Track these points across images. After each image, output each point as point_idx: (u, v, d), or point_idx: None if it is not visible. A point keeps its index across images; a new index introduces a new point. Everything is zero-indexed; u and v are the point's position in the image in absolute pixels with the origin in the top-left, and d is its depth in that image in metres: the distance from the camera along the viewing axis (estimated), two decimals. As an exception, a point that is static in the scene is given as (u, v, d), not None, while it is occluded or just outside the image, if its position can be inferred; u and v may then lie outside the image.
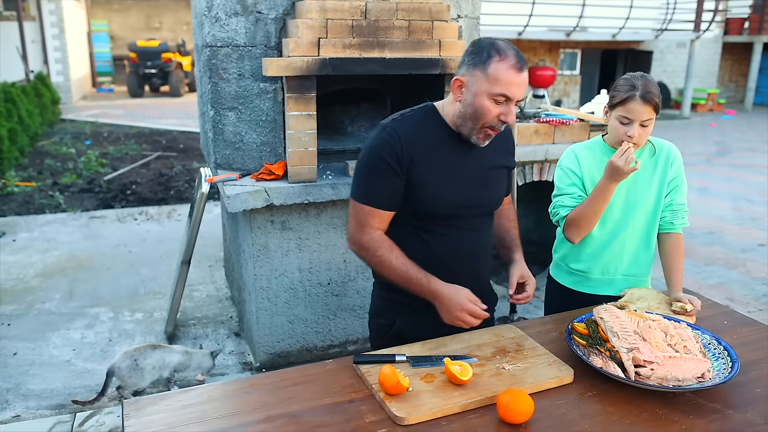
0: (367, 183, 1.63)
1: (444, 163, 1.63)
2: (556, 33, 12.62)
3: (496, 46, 1.53)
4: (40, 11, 14.04)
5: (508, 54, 1.51)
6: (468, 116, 1.58)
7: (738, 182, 7.81)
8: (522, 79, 1.52)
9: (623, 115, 1.81)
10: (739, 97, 17.94)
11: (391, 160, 1.58)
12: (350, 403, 1.40)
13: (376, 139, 1.62)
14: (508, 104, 1.54)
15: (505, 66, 1.51)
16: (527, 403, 1.32)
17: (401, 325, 1.76)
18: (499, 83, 1.51)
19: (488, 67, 1.51)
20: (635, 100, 1.78)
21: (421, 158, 1.60)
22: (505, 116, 1.55)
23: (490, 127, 1.58)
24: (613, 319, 1.59)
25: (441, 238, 1.68)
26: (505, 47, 1.53)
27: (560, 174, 1.99)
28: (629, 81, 1.82)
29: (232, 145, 2.96)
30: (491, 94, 1.52)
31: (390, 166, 1.58)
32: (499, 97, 1.52)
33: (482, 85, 1.53)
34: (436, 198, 1.62)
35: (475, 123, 1.57)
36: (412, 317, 1.74)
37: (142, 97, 16.48)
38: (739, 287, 4.37)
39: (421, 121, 1.63)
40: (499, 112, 1.55)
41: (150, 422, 1.34)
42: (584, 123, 3.77)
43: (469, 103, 1.56)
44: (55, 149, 9.00)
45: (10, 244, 5.00)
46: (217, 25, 2.81)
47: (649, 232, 1.97)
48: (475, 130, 1.58)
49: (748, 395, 1.44)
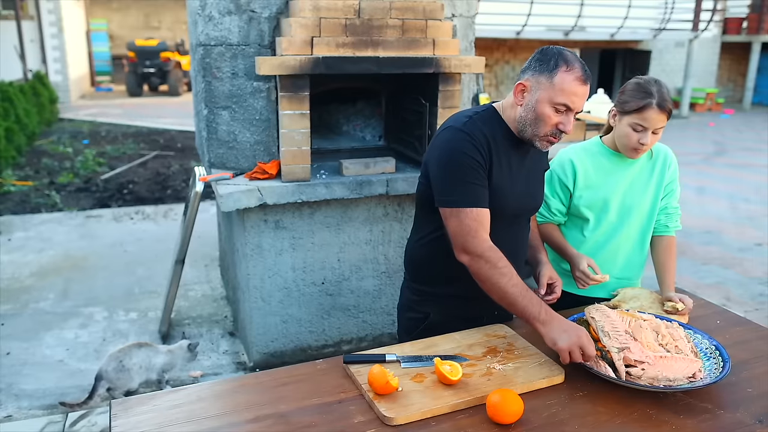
0: (465, 186, 1.59)
1: (510, 163, 1.67)
2: (554, 33, 12.62)
3: (564, 56, 1.55)
4: (38, 10, 14.01)
5: (575, 65, 1.54)
6: (528, 121, 1.60)
7: (736, 182, 7.80)
8: (585, 91, 1.55)
9: (638, 123, 1.76)
10: (738, 97, 17.94)
11: (479, 158, 1.59)
12: (339, 404, 1.39)
13: (456, 141, 1.60)
14: (568, 114, 1.57)
15: (572, 77, 1.53)
16: (516, 404, 1.32)
17: (436, 318, 1.78)
18: (564, 93, 1.54)
19: (555, 75, 1.54)
20: (652, 108, 1.73)
21: (496, 158, 1.63)
22: (564, 125, 1.57)
23: (551, 134, 1.60)
24: (604, 318, 1.58)
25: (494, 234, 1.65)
26: (572, 58, 1.56)
27: (548, 178, 1.96)
28: (644, 87, 1.76)
29: (225, 144, 2.95)
30: (554, 102, 1.55)
31: (480, 164, 1.59)
32: (561, 106, 1.55)
33: (546, 92, 1.55)
34: (506, 198, 1.66)
35: (535, 129, 1.59)
36: (447, 309, 1.78)
37: (140, 97, 16.45)
38: (736, 287, 4.36)
39: (487, 123, 1.65)
40: (558, 120, 1.57)
41: (138, 422, 1.33)
42: (580, 122, 3.77)
43: (531, 108, 1.58)
44: (53, 148, 8.98)
45: (5, 244, 4.99)
46: (211, 23, 2.80)
47: (644, 236, 1.96)
48: (537, 137, 1.60)
49: (740, 395, 1.43)
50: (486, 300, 1.73)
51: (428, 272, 1.82)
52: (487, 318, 1.79)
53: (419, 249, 1.81)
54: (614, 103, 1.87)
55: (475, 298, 1.73)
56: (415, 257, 1.83)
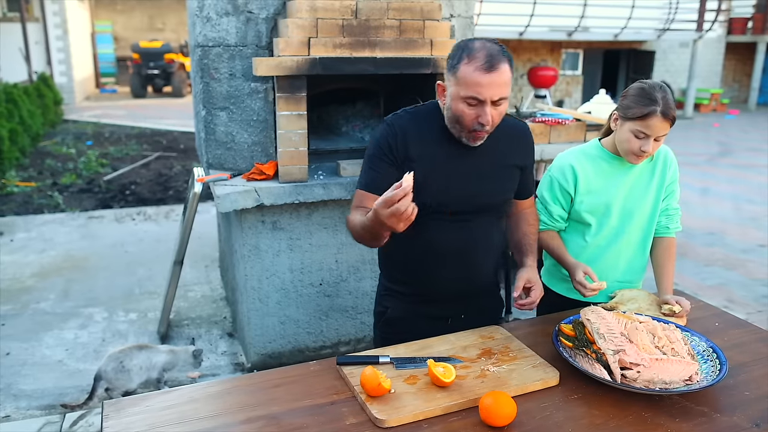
0: (366, 171, 1.68)
1: (443, 159, 1.63)
2: (557, 33, 12.58)
3: (467, 48, 1.51)
4: (43, 12, 14.08)
5: (476, 55, 1.48)
6: (450, 120, 1.59)
7: (740, 182, 7.76)
8: (491, 79, 1.48)
9: (640, 130, 1.71)
10: (743, 97, 17.86)
11: (387, 150, 1.62)
12: (332, 405, 1.38)
13: (377, 132, 1.68)
14: (482, 106, 1.52)
15: (471, 68, 1.48)
16: (509, 406, 1.30)
17: (393, 314, 1.80)
18: (467, 86, 1.49)
19: (458, 70, 1.51)
20: (656, 116, 1.67)
21: (418, 153, 1.61)
22: (482, 118, 1.52)
23: (473, 130, 1.56)
24: (599, 320, 1.56)
25: (441, 232, 1.67)
26: (476, 47, 1.50)
27: (547, 183, 1.92)
28: (648, 93, 1.69)
29: (223, 145, 2.95)
30: (462, 97, 1.52)
31: (386, 156, 1.62)
32: (470, 99, 1.51)
33: (454, 88, 1.53)
34: (430, 192, 1.61)
35: (458, 126, 1.58)
36: (405, 305, 1.78)
37: (144, 98, 16.52)
38: (739, 288, 4.33)
39: (422, 118, 1.65)
40: (475, 114, 1.53)
41: (130, 423, 1.32)
42: (580, 123, 3.74)
43: (448, 107, 1.58)
44: (56, 149, 9.02)
45: (7, 244, 5.01)
46: (209, 24, 2.80)
47: (646, 239, 1.93)
48: (463, 133, 1.58)
49: (737, 398, 1.41)
50: (449, 302, 1.76)
51: (387, 267, 1.84)
52: (453, 320, 1.77)
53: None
54: (616, 107, 1.81)
55: (433, 300, 1.75)
56: (380, 251, 1.85)
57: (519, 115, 3.93)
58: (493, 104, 1.52)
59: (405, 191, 1.34)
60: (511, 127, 1.73)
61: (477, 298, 1.80)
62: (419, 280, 1.74)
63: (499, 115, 1.56)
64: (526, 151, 1.77)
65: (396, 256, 1.78)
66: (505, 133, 1.68)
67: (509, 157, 1.71)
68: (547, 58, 14.40)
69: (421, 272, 1.72)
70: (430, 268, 1.70)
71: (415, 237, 1.62)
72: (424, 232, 1.66)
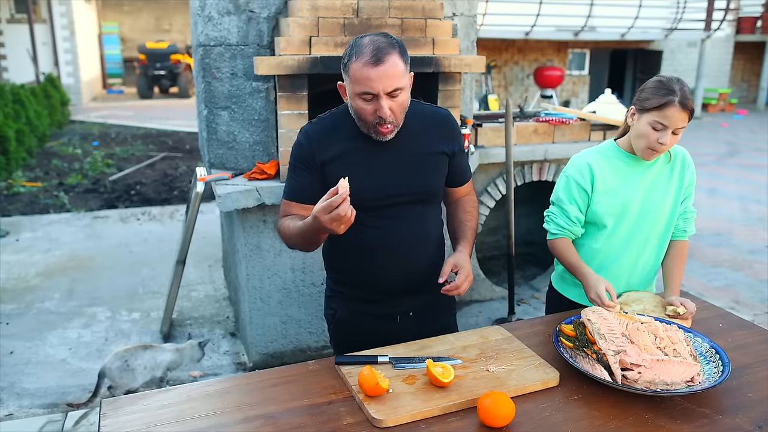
0: (288, 180, 1.71)
1: (361, 155, 1.63)
2: (564, 33, 12.53)
3: (356, 44, 1.52)
4: (51, 13, 14.18)
5: (364, 51, 1.49)
6: (355, 117, 1.60)
7: (747, 183, 7.69)
8: (380, 72, 1.47)
9: (658, 121, 1.69)
10: (752, 97, 17.72)
11: (302, 158, 1.65)
12: (329, 405, 1.37)
13: (295, 142, 1.71)
14: (377, 100, 1.51)
15: (360, 64, 1.48)
16: (508, 406, 1.29)
17: (341, 315, 1.80)
18: (359, 82, 1.50)
19: (349, 68, 1.52)
20: (674, 105, 1.66)
21: (334, 155, 1.62)
22: (380, 111, 1.52)
23: (376, 123, 1.56)
24: (600, 320, 1.54)
25: (371, 229, 1.66)
26: (364, 43, 1.50)
27: (564, 184, 1.87)
28: (665, 85, 1.69)
29: (225, 144, 2.95)
30: (357, 93, 1.52)
31: (302, 164, 1.65)
32: (364, 95, 1.51)
33: (350, 86, 1.54)
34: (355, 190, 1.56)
35: (364, 123, 1.58)
36: (349, 305, 1.78)
37: (151, 99, 16.59)
38: (746, 289, 4.29)
39: (333, 121, 1.66)
40: (372, 108, 1.53)
41: (126, 422, 1.32)
42: (584, 122, 3.72)
43: (350, 105, 1.59)
44: (63, 150, 9.07)
45: (13, 244, 5.03)
46: (210, 24, 2.80)
47: (663, 241, 1.89)
48: (370, 129, 1.58)
49: (740, 400, 1.39)
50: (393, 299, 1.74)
51: (329, 268, 1.84)
52: (402, 318, 1.76)
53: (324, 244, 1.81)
54: (633, 101, 1.79)
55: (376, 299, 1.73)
56: (323, 253, 1.85)
57: (522, 114, 3.91)
58: (390, 96, 1.51)
59: (343, 197, 1.38)
60: (432, 114, 1.72)
61: (422, 293, 1.76)
62: (359, 279, 1.73)
63: (400, 106, 1.55)
64: (452, 136, 1.73)
65: (334, 257, 1.79)
66: (426, 122, 1.68)
67: (433, 145, 1.69)
68: (554, 58, 14.35)
69: (358, 271, 1.71)
70: (367, 266, 1.69)
71: (348, 236, 1.58)
72: (358, 231, 1.62)
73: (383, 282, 1.71)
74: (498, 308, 3.83)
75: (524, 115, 3.89)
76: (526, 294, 4.12)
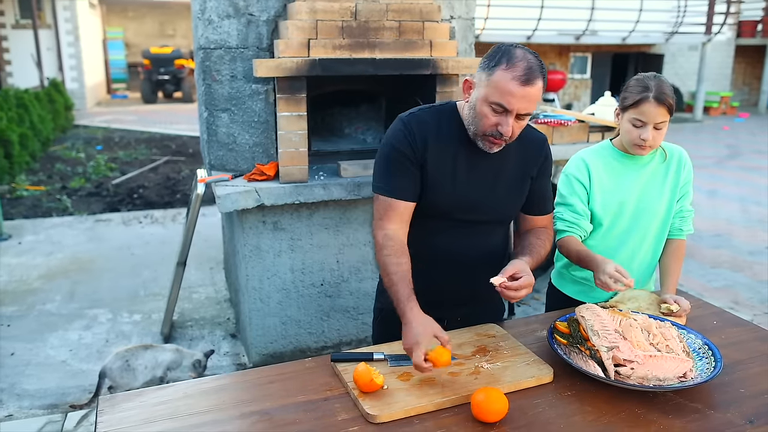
0: (387, 175, 1.61)
1: (455, 161, 1.60)
2: (565, 37, 12.56)
3: (509, 54, 1.47)
4: (55, 19, 14.28)
5: (516, 64, 1.45)
6: (470, 119, 1.56)
7: (747, 185, 7.69)
8: (525, 93, 1.44)
9: (636, 118, 1.73)
10: (753, 100, 17.72)
11: (407, 150, 1.58)
12: (325, 401, 1.38)
13: (392, 131, 1.63)
14: (506, 116, 1.48)
15: (509, 76, 1.44)
16: (501, 402, 1.30)
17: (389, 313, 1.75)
18: (498, 92, 1.46)
19: (493, 73, 1.47)
20: (649, 101, 1.70)
21: (435, 153, 1.58)
22: (501, 127, 1.49)
23: (491, 135, 1.52)
24: (594, 317, 1.56)
25: (441, 236, 1.65)
26: (518, 56, 1.46)
27: (565, 181, 1.91)
28: (642, 82, 1.74)
29: (225, 146, 2.97)
30: (489, 101, 1.48)
31: (406, 157, 1.58)
32: (496, 106, 1.47)
33: (484, 90, 1.49)
34: (439, 194, 1.60)
35: (476, 127, 1.54)
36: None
37: (155, 103, 16.67)
38: (745, 290, 4.29)
39: (437, 117, 1.62)
40: (496, 121, 1.50)
41: (123, 418, 1.33)
42: (583, 124, 3.73)
43: (472, 105, 1.55)
44: (66, 154, 9.11)
45: (15, 247, 5.06)
46: (210, 27, 2.82)
47: (659, 240, 1.92)
48: (478, 136, 1.55)
49: (731, 395, 1.40)
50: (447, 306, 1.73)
51: None
52: (448, 322, 1.73)
53: None
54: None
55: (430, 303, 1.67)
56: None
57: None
58: (518, 117, 1.49)
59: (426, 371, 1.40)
60: (530, 136, 1.69)
61: (475, 305, 1.78)
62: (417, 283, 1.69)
63: (520, 128, 1.53)
64: (544, 165, 1.71)
65: None
66: (521, 141, 1.63)
67: (525, 167, 1.67)
68: (556, 61, 14.37)
69: (420, 275, 1.67)
70: (430, 272, 1.68)
71: (420, 239, 1.60)
72: (429, 235, 1.64)
73: (440, 290, 1.71)
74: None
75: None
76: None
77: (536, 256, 1.65)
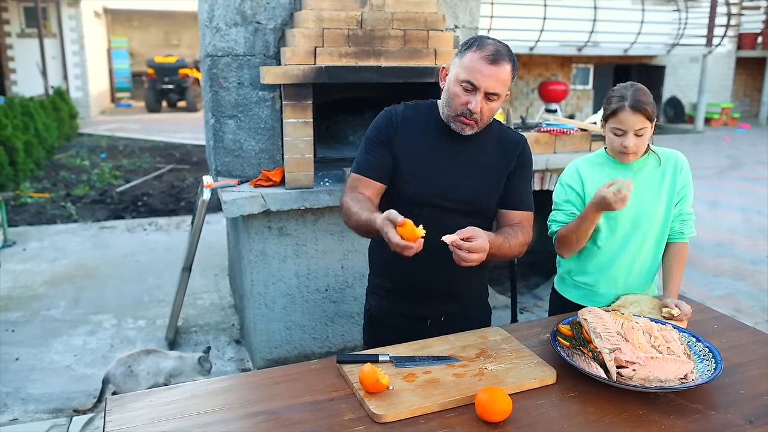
0: (362, 154, 1.72)
1: (432, 148, 1.68)
2: (567, 48, 12.63)
3: (480, 40, 1.60)
4: (60, 28, 14.40)
5: (486, 47, 1.57)
6: (444, 101, 1.66)
7: (749, 195, 7.71)
8: (492, 71, 1.55)
9: (616, 127, 1.80)
10: (754, 112, 17.77)
11: (381, 135, 1.69)
12: (331, 402, 1.40)
13: (377, 117, 1.74)
14: (475, 93, 1.58)
15: (477, 55, 1.56)
16: (505, 402, 1.32)
17: (375, 312, 1.84)
18: (468, 70, 1.56)
19: (465, 55, 1.59)
20: (625, 110, 1.76)
21: (410, 142, 1.67)
22: (471, 105, 1.58)
23: (461, 114, 1.61)
24: (596, 320, 1.58)
25: (425, 227, 1.67)
26: (488, 42, 1.58)
27: (558, 189, 1.97)
28: (618, 92, 1.80)
29: (231, 152, 3.01)
30: (459, 79, 1.59)
31: (379, 141, 1.69)
32: (466, 83, 1.57)
33: (456, 71, 1.60)
34: (417, 181, 1.67)
35: (448, 109, 1.64)
36: (383, 303, 1.82)
37: (159, 112, 16.77)
38: (747, 298, 4.30)
39: (420, 110, 1.72)
40: (466, 100, 1.59)
41: (131, 418, 1.35)
42: (585, 133, 3.77)
43: (445, 88, 1.65)
44: (71, 162, 9.17)
45: (20, 253, 5.09)
46: (218, 35, 2.87)
47: (659, 244, 1.94)
48: (451, 117, 1.64)
49: (732, 397, 1.42)
50: (429, 302, 1.77)
51: (374, 260, 1.87)
52: (432, 321, 1.78)
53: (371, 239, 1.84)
54: None
55: (413, 298, 1.77)
56: (370, 244, 1.88)
57: (524, 124, 3.96)
58: (487, 97, 1.58)
59: (415, 251, 1.45)
60: (507, 135, 1.77)
61: (459, 302, 1.80)
62: (401, 276, 1.76)
63: (489, 111, 1.61)
64: (520, 161, 1.74)
65: (378, 252, 1.83)
66: (499, 139, 1.74)
67: (499, 161, 1.73)
68: (558, 72, 14.45)
69: (403, 267, 1.70)
70: (413, 263, 1.66)
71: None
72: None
73: (422, 284, 1.75)
74: (501, 316, 3.85)
75: (526, 126, 3.94)
76: (528, 302, 4.14)
77: (503, 237, 1.64)
